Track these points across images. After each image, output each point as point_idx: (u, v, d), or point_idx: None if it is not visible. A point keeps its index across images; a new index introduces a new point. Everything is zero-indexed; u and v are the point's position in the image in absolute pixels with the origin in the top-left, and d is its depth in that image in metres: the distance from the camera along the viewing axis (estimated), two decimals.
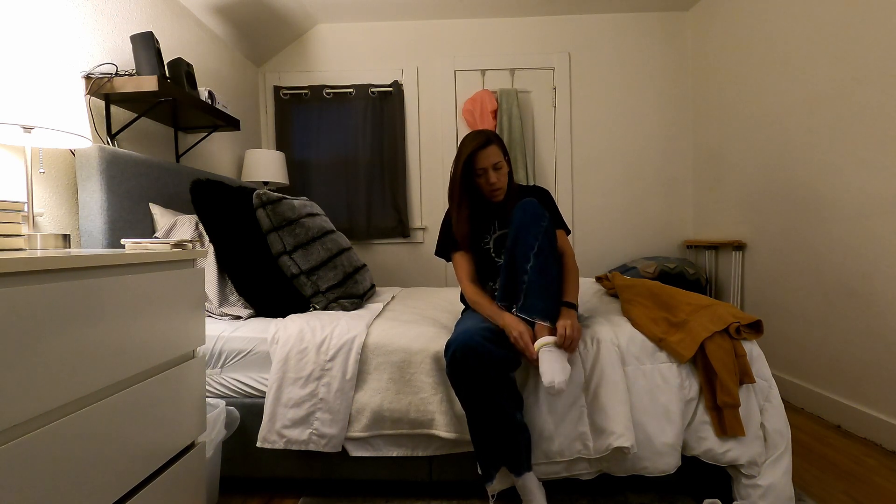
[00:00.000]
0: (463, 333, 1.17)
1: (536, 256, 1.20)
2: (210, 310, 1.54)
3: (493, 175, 1.38)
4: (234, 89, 2.66)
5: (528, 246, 1.21)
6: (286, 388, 1.31)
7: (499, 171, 1.39)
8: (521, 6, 2.79)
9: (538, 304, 1.19)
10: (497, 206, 1.46)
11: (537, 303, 1.19)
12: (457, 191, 1.42)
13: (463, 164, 1.38)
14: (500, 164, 1.39)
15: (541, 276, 1.20)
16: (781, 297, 2.14)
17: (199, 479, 1.07)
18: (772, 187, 2.18)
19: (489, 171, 1.38)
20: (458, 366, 1.14)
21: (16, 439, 0.64)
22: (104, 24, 1.68)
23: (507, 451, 1.17)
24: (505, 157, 1.42)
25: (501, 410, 1.14)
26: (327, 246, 1.69)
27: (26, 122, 1.16)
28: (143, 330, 0.89)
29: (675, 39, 2.88)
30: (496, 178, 1.38)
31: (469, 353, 1.13)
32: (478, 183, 1.41)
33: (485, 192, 1.42)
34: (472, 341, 1.14)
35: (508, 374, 1.20)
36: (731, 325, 1.24)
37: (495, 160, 1.37)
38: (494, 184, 1.39)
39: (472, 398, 1.16)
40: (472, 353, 1.13)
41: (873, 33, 1.67)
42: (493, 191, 1.41)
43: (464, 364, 1.14)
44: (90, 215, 1.46)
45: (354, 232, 2.88)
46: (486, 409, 1.15)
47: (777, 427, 1.22)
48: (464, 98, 2.90)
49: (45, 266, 0.69)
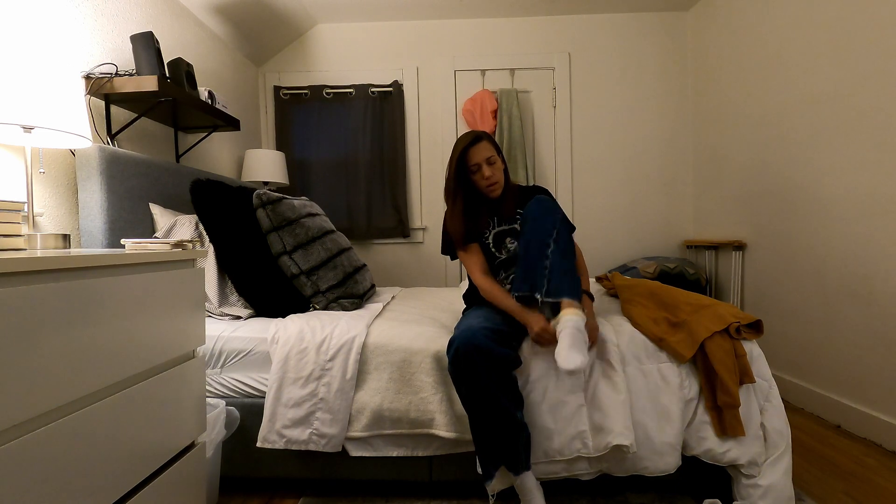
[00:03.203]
0: (466, 331, 1.17)
1: (556, 242, 1.22)
2: (210, 310, 1.54)
3: (488, 169, 1.40)
4: (234, 89, 2.66)
5: (547, 233, 1.23)
6: (286, 387, 1.31)
7: (493, 166, 1.41)
8: (521, 6, 2.79)
9: (564, 284, 1.19)
10: (494, 203, 1.47)
11: (563, 283, 1.19)
12: (451, 189, 1.44)
13: (456, 161, 1.41)
14: (492, 158, 1.41)
15: (563, 260, 1.22)
16: (781, 297, 2.14)
17: (199, 479, 1.07)
18: (772, 187, 2.18)
19: (483, 165, 1.39)
20: (460, 363, 1.15)
21: (16, 439, 0.64)
22: (104, 24, 1.68)
23: (506, 450, 1.17)
24: (498, 153, 1.44)
25: (502, 408, 1.14)
26: (327, 246, 1.69)
27: (26, 122, 1.16)
28: (143, 330, 0.89)
29: (675, 39, 2.88)
30: (491, 172, 1.40)
31: (472, 351, 1.13)
32: (473, 180, 1.43)
33: (481, 188, 1.43)
34: (475, 339, 1.14)
35: (510, 372, 1.20)
36: (732, 324, 1.23)
37: (487, 154, 1.39)
38: (490, 178, 1.40)
39: (474, 396, 1.16)
40: (475, 351, 1.13)
41: (873, 33, 1.67)
42: (489, 185, 1.42)
43: (466, 362, 1.14)
44: (90, 215, 1.46)
45: (354, 232, 2.88)
46: (488, 407, 1.15)
47: (777, 427, 1.22)
48: (464, 98, 2.90)
49: (45, 266, 0.69)
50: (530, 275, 1.24)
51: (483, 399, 1.15)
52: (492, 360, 1.14)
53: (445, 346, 1.32)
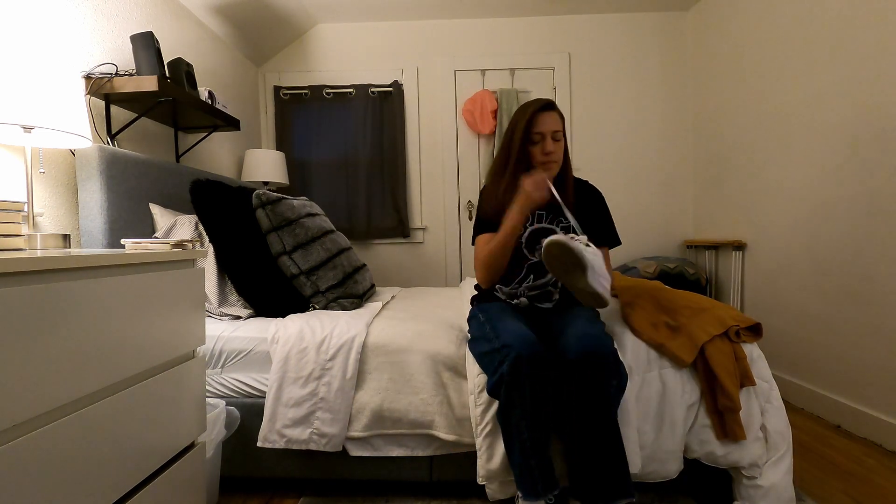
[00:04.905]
0: (521, 339, 1.07)
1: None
2: (210, 310, 1.54)
3: (552, 144, 1.26)
4: (234, 89, 2.66)
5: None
6: (286, 387, 1.31)
7: (557, 143, 1.28)
8: (521, 6, 2.79)
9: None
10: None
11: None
12: (508, 155, 1.29)
13: (525, 124, 1.26)
14: (558, 133, 1.28)
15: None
16: (781, 297, 2.14)
17: (199, 479, 1.07)
18: (772, 187, 2.18)
19: (547, 137, 1.26)
20: (520, 378, 1.04)
21: (16, 439, 0.64)
22: (104, 24, 1.68)
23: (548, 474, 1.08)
24: (564, 133, 1.31)
25: (547, 425, 1.08)
26: (327, 246, 1.69)
27: (26, 122, 1.16)
28: (143, 330, 0.89)
29: (675, 39, 2.88)
30: (553, 147, 1.26)
31: (537, 361, 1.05)
32: (531, 152, 1.28)
33: (535, 162, 1.28)
34: (535, 347, 1.05)
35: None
36: (731, 328, 1.23)
37: (555, 128, 1.27)
38: (551, 153, 1.26)
39: (534, 415, 1.06)
40: (539, 362, 1.05)
41: (873, 33, 1.67)
42: (545, 161, 1.27)
43: (530, 375, 1.05)
44: (90, 215, 1.46)
45: (354, 232, 2.88)
46: (543, 424, 1.08)
47: (778, 428, 1.22)
48: (464, 98, 2.90)
49: (45, 266, 0.69)
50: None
51: (541, 412, 1.06)
52: (552, 370, 1.06)
53: (445, 346, 1.33)
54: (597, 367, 1.05)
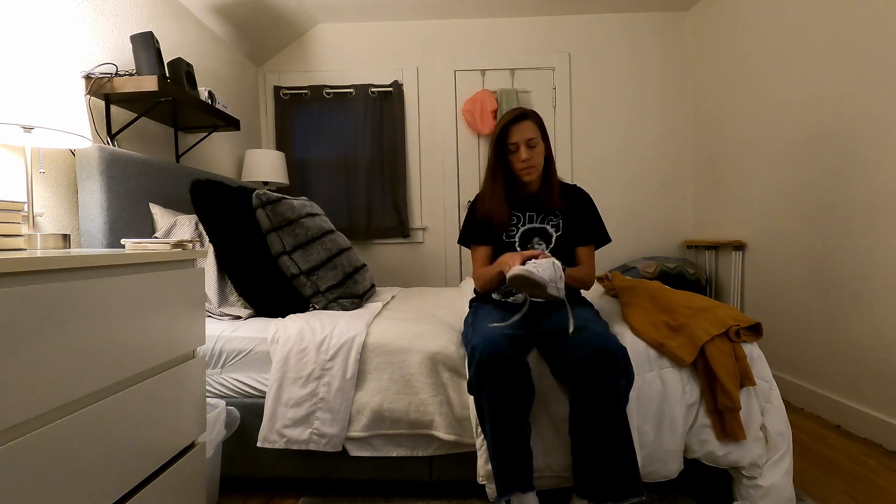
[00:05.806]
0: (485, 340, 1.11)
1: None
2: (210, 310, 1.54)
3: (525, 152, 1.32)
4: (234, 89, 2.66)
5: None
6: (286, 387, 1.31)
7: (533, 150, 1.34)
8: (521, 6, 2.79)
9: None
10: (530, 197, 1.41)
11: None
12: (491, 166, 1.38)
13: (496, 137, 1.35)
14: (533, 140, 1.33)
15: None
16: (781, 297, 2.14)
17: (199, 479, 1.07)
18: (772, 187, 2.18)
19: (521, 146, 1.32)
20: (483, 371, 1.09)
21: (16, 439, 0.64)
22: (104, 24, 1.68)
23: (523, 466, 1.11)
24: (543, 138, 1.37)
25: (523, 421, 1.11)
26: (327, 246, 1.69)
27: (26, 122, 1.16)
28: (143, 330, 0.89)
29: (675, 39, 2.88)
30: (528, 154, 1.33)
31: (496, 357, 1.09)
32: (509, 160, 1.36)
33: (515, 171, 1.36)
34: (500, 345, 1.09)
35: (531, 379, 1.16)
36: (731, 328, 1.23)
37: (529, 136, 1.32)
38: (527, 160, 1.33)
39: (496, 406, 1.09)
40: (499, 357, 1.09)
41: (874, 33, 1.67)
42: (523, 168, 1.34)
43: (490, 375, 1.09)
44: (90, 215, 1.46)
45: (354, 232, 2.88)
46: (509, 419, 1.10)
47: (778, 428, 1.22)
48: (464, 98, 2.90)
49: (45, 266, 0.69)
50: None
51: (505, 410, 1.09)
52: (516, 368, 1.10)
53: (445, 346, 1.33)
54: (608, 366, 1.07)
